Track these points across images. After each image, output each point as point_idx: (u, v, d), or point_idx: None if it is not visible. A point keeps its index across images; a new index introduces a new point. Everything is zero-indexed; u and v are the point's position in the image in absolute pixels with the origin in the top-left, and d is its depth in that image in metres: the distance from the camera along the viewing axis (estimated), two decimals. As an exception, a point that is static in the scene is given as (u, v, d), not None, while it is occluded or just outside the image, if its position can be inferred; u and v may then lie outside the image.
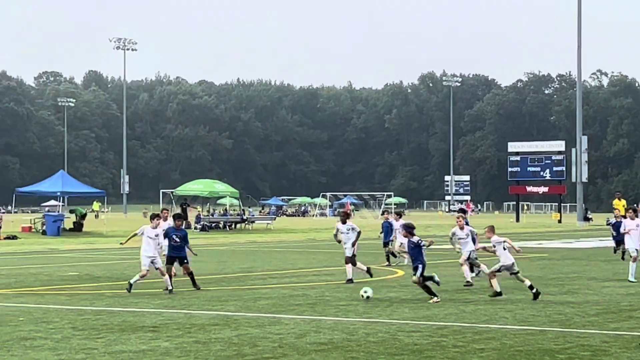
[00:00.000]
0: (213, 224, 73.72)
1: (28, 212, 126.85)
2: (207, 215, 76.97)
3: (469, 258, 25.39)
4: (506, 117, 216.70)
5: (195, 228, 70.70)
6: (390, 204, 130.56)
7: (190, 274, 24.78)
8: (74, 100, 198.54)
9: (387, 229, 33.62)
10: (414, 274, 21.38)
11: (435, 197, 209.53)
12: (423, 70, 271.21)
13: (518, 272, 22.09)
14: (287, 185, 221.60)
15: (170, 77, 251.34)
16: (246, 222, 75.73)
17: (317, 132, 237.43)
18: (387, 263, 33.16)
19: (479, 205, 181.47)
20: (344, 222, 26.79)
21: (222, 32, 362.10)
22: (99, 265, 34.93)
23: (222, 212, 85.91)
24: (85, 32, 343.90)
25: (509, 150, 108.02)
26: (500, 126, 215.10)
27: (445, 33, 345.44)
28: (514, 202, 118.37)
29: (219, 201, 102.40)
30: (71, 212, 72.55)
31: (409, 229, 21.73)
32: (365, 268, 26.99)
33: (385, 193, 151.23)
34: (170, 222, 26.19)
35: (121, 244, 28.03)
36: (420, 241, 21.38)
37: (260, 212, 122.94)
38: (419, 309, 20.22)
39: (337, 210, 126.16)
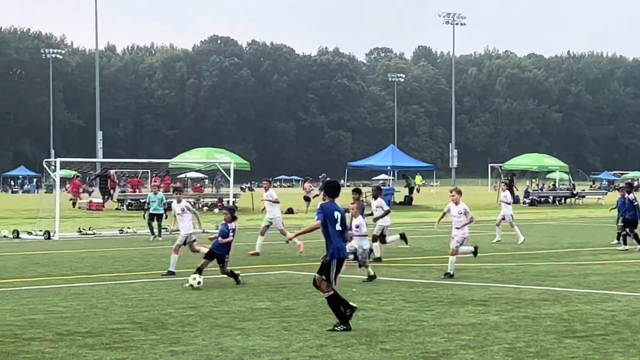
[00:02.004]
0: (542, 199, 72.79)
1: (360, 186, 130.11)
2: (536, 190, 76.10)
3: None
4: None
5: (524, 202, 70.21)
6: None
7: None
8: (404, 76, 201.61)
9: None
10: None
11: None
12: None
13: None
14: (619, 159, 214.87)
15: (499, 51, 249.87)
16: (576, 197, 74.22)
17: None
18: None
19: None
20: None
21: (552, 3, 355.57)
22: (429, 239, 35.34)
23: (551, 186, 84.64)
24: (416, 8, 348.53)
25: None
26: None
27: None
28: None
29: (548, 175, 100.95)
30: (404, 177, 73.42)
31: None
32: None
33: None
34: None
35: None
36: None
37: (590, 187, 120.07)
38: None
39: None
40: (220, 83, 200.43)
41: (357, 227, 21.21)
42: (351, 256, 19.91)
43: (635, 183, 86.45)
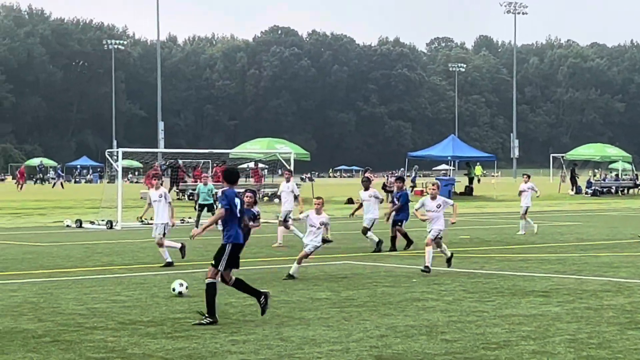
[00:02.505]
0: (604, 189, 72.05)
1: (420, 176, 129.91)
2: (599, 180, 75.38)
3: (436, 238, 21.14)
4: None
5: (586, 193, 69.57)
6: None
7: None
8: (465, 66, 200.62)
9: None
10: None
11: None
12: None
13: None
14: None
15: (561, 40, 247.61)
16: (639, 187, 73.37)
17: None
18: None
19: None
20: None
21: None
22: (489, 229, 35.16)
23: (614, 176, 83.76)
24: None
25: None
26: None
27: None
28: None
29: (610, 165, 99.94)
30: (467, 164, 72.96)
31: None
32: None
33: None
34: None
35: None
36: None
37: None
38: None
39: None
40: (280, 73, 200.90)
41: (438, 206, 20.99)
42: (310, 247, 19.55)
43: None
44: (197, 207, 36.26)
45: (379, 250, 25.38)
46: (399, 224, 26.37)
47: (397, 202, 26.72)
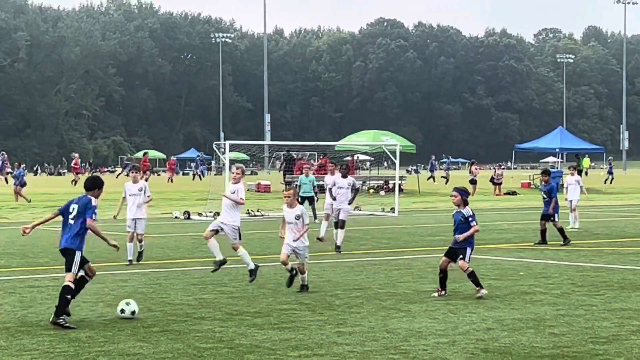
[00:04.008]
0: None
1: (527, 169, 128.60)
2: None
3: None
4: None
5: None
6: None
7: None
8: (573, 56, 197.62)
9: None
10: None
11: None
12: None
13: None
14: None
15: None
16: None
17: None
18: None
19: None
20: None
21: None
22: (597, 222, 34.63)
23: None
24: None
25: None
26: None
27: None
28: None
29: None
30: (576, 156, 71.89)
31: None
32: None
33: None
34: None
35: None
36: None
37: None
38: None
39: None
40: (386, 65, 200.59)
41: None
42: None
43: None
44: (299, 199, 36.27)
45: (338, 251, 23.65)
46: (552, 218, 25.56)
47: (545, 197, 25.77)
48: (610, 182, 71.13)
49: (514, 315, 13.93)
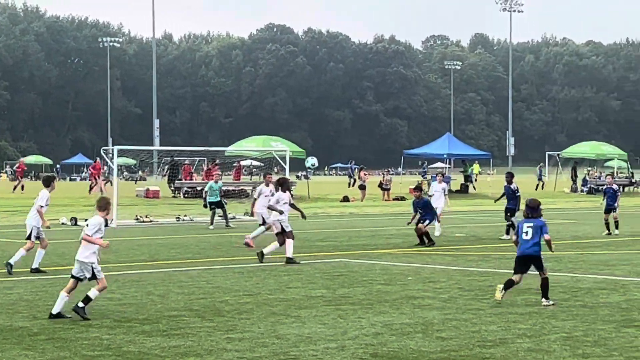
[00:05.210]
0: (600, 187, 72.04)
1: (415, 174, 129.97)
2: (594, 178, 75.45)
3: None
4: None
5: (582, 191, 69.72)
6: None
7: None
8: (460, 63, 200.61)
9: None
10: None
11: None
12: None
13: None
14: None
15: (557, 38, 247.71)
16: (635, 186, 73.45)
17: None
18: None
19: None
20: None
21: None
22: (485, 227, 35.18)
23: (612, 175, 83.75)
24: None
25: None
26: None
27: None
28: None
29: (606, 164, 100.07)
30: (463, 162, 72.79)
31: None
32: None
33: None
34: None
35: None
36: None
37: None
38: None
39: None
40: (276, 71, 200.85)
41: None
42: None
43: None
44: (208, 205, 35.83)
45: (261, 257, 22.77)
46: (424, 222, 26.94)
47: (421, 212, 27.11)
48: (542, 188, 72.43)
49: (403, 319, 14.04)
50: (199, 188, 58.52)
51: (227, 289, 17.52)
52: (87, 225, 14.64)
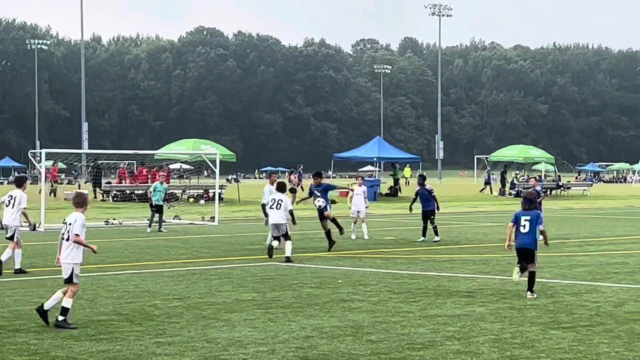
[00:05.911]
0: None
1: (346, 177, 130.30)
2: (522, 182, 76.31)
3: None
4: None
5: (510, 194, 70.40)
6: None
7: None
8: (390, 67, 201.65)
9: None
10: None
11: None
12: None
13: None
14: (604, 151, 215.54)
15: (485, 43, 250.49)
16: (562, 189, 74.43)
17: (637, 96, 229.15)
18: None
19: None
20: None
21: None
22: (414, 230, 35.35)
23: (537, 178, 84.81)
24: (402, 0, 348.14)
25: None
26: None
27: None
28: None
29: (533, 167, 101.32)
30: (392, 165, 73.14)
31: None
32: None
33: None
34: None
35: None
36: None
37: (576, 178, 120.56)
38: None
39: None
40: (206, 74, 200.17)
41: None
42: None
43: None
44: (152, 206, 35.20)
45: None
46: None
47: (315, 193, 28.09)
48: (491, 192, 72.91)
49: (333, 322, 14.07)
50: (127, 191, 58.18)
51: (157, 293, 17.41)
52: (70, 224, 14.50)
